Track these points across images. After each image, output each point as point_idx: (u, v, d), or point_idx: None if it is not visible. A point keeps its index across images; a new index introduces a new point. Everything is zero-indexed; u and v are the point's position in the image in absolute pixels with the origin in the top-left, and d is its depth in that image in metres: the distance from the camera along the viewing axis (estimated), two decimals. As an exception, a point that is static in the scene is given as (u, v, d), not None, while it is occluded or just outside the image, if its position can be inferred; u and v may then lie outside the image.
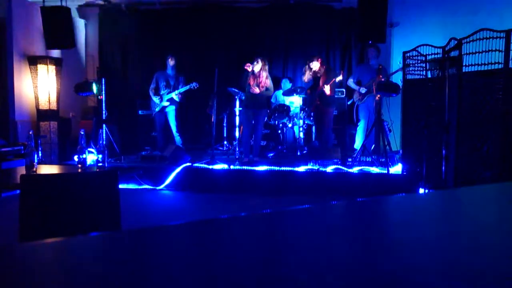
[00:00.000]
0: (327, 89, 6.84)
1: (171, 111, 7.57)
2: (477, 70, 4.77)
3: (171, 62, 7.51)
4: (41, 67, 7.76)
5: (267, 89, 6.83)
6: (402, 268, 0.73)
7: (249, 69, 6.78)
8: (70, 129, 8.41)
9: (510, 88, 4.40)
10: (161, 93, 7.51)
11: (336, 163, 6.58)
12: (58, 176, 2.73)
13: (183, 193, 6.37)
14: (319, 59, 7.07)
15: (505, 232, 0.95)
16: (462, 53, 4.95)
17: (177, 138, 7.65)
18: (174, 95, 7.41)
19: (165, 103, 7.50)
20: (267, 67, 6.91)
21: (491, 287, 0.66)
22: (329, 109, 7.08)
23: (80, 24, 9.10)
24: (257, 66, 6.77)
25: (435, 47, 5.58)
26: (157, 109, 7.55)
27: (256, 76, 6.82)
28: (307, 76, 7.16)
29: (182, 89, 7.41)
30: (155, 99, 7.52)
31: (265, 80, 6.81)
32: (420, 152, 5.68)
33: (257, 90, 6.75)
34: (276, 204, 5.71)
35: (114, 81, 8.25)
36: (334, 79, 6.87)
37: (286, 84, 8.27)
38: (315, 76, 7.09)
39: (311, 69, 7.05)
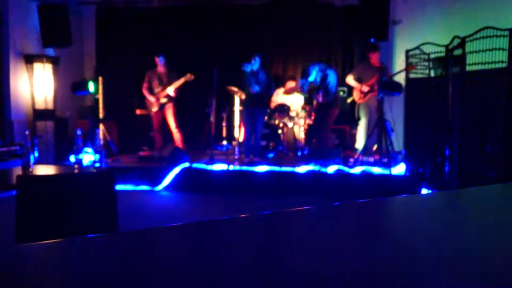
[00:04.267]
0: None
1: (169, 108, 7.49)
2: (481, 69, 4.74)
3: (159, 61, 7.40)
4: (37, 66, 7.68)
5: (268, 87, 6.79)
6: (405, 268, 0.74)
7: (248, 69, 6.74)
8: (67, 129, 8.33)
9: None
10: (156, 91, 7.42)
11: (338, 164, 6.52)
12: (55, 177, 2.77)
13: (182, 194, 6.32)
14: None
15: (509, 232, 0.96)
16: (466, 52, 4.92)
17: (177, 135, 7.56)
18: (170, 91, 7.30)
19: (163, 101, 7.42)
20: (265, 65, 6.88)
21: (494, 286, 0.67)
22: (332, 110, 7.05)
23: (77, 22, 9.00)
24: (256, 64, 6.73)
25: (438, 45, 5.54)
26: (153, 109, 7.47)
27: (255, 74, 6.78)
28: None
29: (177, 83, 7.30)
30: (151, 98, 7.43)
31: (265, 78, 6.77)
32: (423, 152, 5.63)
33: (257, 89, 6.72)
34: (277, 205, 5.66)
35: (111, 80, 8.17)
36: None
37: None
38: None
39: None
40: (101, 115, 7.49)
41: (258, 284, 0.66)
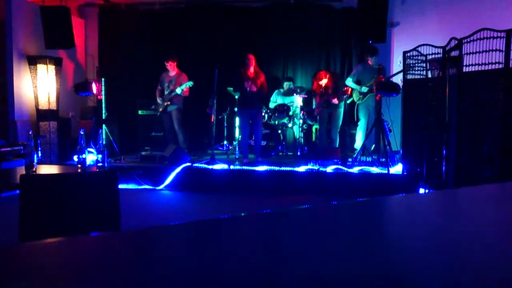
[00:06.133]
0: (335, 100, 7.15)
1: (173, 110, 7.59)
2: (478, 70, 4.76)
3: (167, 65, 7.48)
4: (40, 67, 7.75)
5: (262, 86, 6.77)
6: (402, 268, 0.73)
7: (248, 88, 6.72)
8: (70, 129, 8.40)
9: (510, 88, 4.39)
10: (165, 94, 7.53)
11: (336, 163, 6.57)
12: (58, 176, 2.73)
13: (183, 193, 6.36)
14: (327, 75, 7.29)
15: (505, 232, 0.95)
16: (463, 53, 4.94)
17: (179, 136, 7.65)
18: (178, 91, 7.37)
19: (168, 103, 7.52)
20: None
21: (491, 287, 0.66)
22: (339, 110, 7.19)
23: (79, 23, 9.09)
24: (251, 63, 6.73)
25: (435, 47, 5.57)
26: (160, 109, 7.57)
27: (251, 73, 6.76)
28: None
29: (182, 87, 7.35)
30: (159, 100, 7.54)
31: (260, 75, 6.77)
32: (421, 152, 5.67)
33: (254, 88, 6.69)
34: (276, 204, 5.70)
35: (113, 81, 8.25)
36: (341, 95, 7.12)
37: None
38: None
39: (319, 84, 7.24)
40: (104, 116, 7.57)
41: (259, 282, 0.66)
